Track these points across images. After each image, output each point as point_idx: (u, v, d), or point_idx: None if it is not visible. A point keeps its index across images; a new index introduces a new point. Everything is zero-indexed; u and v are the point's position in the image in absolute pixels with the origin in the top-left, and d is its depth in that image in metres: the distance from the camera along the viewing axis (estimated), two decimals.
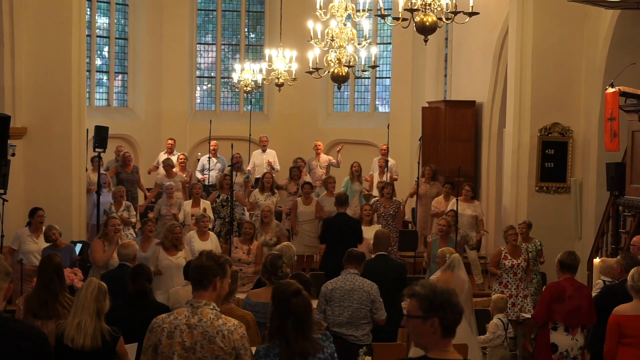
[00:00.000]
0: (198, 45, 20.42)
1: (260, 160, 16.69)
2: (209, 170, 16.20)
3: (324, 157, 16.51)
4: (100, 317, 5.56)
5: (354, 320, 7.38)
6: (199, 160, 17.34)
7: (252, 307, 6.63)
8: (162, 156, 16.01)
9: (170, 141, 16.36)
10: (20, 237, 10.49)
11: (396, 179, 15.51)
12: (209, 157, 16.39)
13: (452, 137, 15.72)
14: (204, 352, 4.51)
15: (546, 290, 7.97)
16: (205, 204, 13.15)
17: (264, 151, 16.85)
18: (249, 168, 16.48)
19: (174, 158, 15.69)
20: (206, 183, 15.84)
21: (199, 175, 16.19)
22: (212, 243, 10.90)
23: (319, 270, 11.26)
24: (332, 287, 7.46)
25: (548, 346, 7.64)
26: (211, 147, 16.45)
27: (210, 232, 11.32)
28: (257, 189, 13.96)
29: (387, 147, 16.06)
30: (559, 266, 7.83)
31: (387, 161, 15.66)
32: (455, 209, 12.40)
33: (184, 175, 15.35)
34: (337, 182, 14.11)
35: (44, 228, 10.33)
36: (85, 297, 5.52)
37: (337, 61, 11.66)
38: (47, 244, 10.17)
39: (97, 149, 12.82)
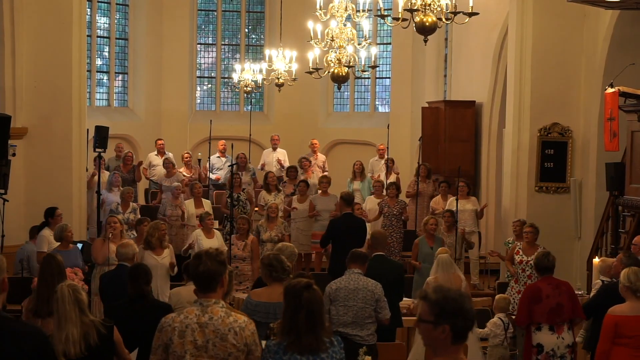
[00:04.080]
0: (198, 45, 20.44)
1: (271, 159, 16.68)
2: (211, 169, 16.20)
3: (320, 157, 16.50)
4: (86, 312, 5.51)
5: (359, 319, 7.36)
6: (199, 160, 17.35)
7: (254, 306, 6.61)
8: (153, 157, 15.99)
9: (160, 142, 16.29)
10: (47, 239, 10.50)
11: (397, 173, 15.61)
12: (217, 157, 16.42)
13: (452, 137, 15.74)
14: (216, 350, 4.54)
15: (524, 293, 8.00)
16: (206, 203, 13.18)
17: (274, 150, 16.85)
18: (260, 164, 16.48)
19: (171, 157, 15.68)
20: (219, 182, 15.89)
21: (212, 176, 16.20)
22: (217, 240, 11.00)
23: (328, 273, 11.12)
24: (337, 287, 7.45)
25: (531, 348, 7.65)
26: (220, 146, 16.47)
27: (216, 230, 11.37)
28: (263, 190, 13.90)
29: (384, 147, 16.09)
30: (536, 269, 7.86)
31: (393, 160, 15.66)
32: (453, 208, 12.45)
33: (190, 173, 15.36)
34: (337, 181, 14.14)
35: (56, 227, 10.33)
36: (65, 308, 5.44)
37: (337, 61, 11.68)
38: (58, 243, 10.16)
39: (97, 149, 12.84)
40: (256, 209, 13.75)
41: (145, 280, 6.72)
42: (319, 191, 13.65)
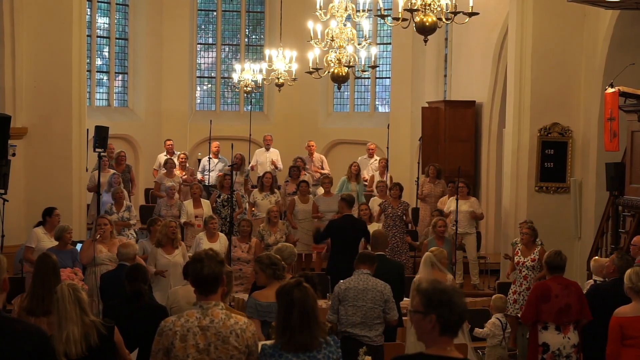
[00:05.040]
0: (198, 45, 20.45)
1: (264, 159, 16.66)
2: (209, 170, 16.20)
3: (317, 157, 16.50)
4: (87, 312, 5.50)
5: (368, 320, 7.34)
6: (199, 160, 17.34)
7: (265, 307, 6.52)
8: (162, 157, 16.01)
9: (169, 142, 16.35)
10: (37, 236, 10.46)
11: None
12: (210, 158, 16.38)
13: (452, 137, 15.74)
14: (219, 353, 4.53)
15: (532, 291, 7.99)
16: (205, 203, 13.18)
17: (267, 150, 16.84)
18: (251, 165, 16.46)
19: (175, 158, 15.69)
20: (206, 183, 15.84)
21: (199, 176, 16.19)
22: (220, 244, 10.84)
23: (326, 273, 11.13)
24: (346, 287, 7.43)
25: (537, 347, 7.66)
26: (213, 148, 16.44)
27: (220, 234, 11.31)
28: (256, 189, 13.91)
29: (374, 147, 16.09)
30: (546, 267, 7.86)
31: (387, 160, 15.66)
32: (452, 208, 12.46)
33: (183, 174, 15.35)
34: (334, 182, 14.11)
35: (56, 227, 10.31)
36: (65, 307, 5.44)
37: (337, 61, 11.69)
38: (49, 242, 10.14)
39: (97, 149, 12.83)
40: (253, 209, 13.71)
41: (143, 280, 6.72)
42: (322, 191, 13.64)
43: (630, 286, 6.64)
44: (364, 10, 11.10)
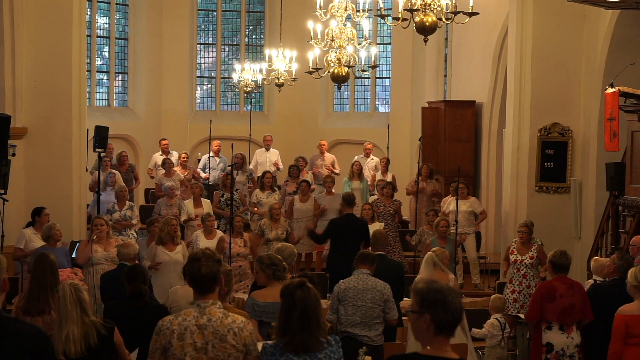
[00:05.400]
0: (198, 45, 20.46)
1: (264, 159, 16.66)
2: (210, 169, 16.20)
3: (328, 156, 16.48)
4: (87, 312, 5.49)
5: (367, 320, 7.34)
6: (199, 160, 17.34)
7: (262, 308, 6.55)
8: (158, 157, 16.00)
9: (164, 142, 16.33)
10: (26, 236, 10.44)
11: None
12: (211, 156, 16.38)
13: (452, 137, 15.75)
14: (216, 352, 4.52)
15: (537, 290, 7.99)
16: (205, 203, 13.19)
17: (267, 150, 16.85)
18: (251, 166, 16.46)
19: (172, 157, 15.69)
20: (208, 182, 15.85)
21: (202, 174, 16.19)
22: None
23: (326, 270, 11.20)
24: (345, 287, 7.43)
25: (541, 347, 7.66)
26: (214, 147, 16.44)
27: (218, 231, 11.36)
28: (257, 189, 13.94)
29: (371, 147, 16.10)
30: (551, 267, 7.86)
31: (388, 160, 15.68)
32: (452, 208, 12.45)
33: (185, 173, 15.36)
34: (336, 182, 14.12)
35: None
36: (66, 307, 5.43)
37: (337, 61, 11.70)
38: (39, 242, 10.13)
39: (97, 149, 12.83)
40: (255, 209, 13.72)
41: (142, 280, 6.72)
42: (324, 190, 13.67)
43: (635, 284, 6.62)
44: (364, 10, 11.09)
